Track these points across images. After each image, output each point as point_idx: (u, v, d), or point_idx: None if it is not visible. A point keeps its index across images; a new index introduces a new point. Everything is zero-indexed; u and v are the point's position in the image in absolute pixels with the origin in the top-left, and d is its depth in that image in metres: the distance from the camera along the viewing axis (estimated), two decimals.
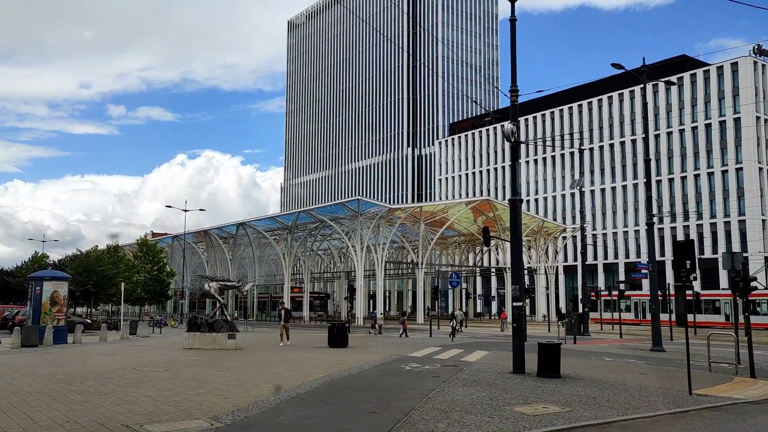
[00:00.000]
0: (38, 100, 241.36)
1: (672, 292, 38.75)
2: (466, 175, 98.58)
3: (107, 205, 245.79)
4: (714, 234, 68.80)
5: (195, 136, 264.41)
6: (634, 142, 76.20)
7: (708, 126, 70.41)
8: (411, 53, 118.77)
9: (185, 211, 56.37)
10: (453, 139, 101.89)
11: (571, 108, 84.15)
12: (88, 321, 39.70)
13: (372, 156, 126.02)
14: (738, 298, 16.42)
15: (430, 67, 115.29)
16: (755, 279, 15.70)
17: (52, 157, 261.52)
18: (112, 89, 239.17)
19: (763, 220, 66.60)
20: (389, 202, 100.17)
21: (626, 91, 77.14)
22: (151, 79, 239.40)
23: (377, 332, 35.33)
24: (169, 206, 54.11)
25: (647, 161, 25.81)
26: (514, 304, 15.88)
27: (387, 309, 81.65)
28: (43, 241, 76.63)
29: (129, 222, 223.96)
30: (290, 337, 24.86)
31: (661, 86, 69.17)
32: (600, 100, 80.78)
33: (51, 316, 24.71)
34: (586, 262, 52.56)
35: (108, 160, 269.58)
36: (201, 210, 61.14)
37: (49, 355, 19.86)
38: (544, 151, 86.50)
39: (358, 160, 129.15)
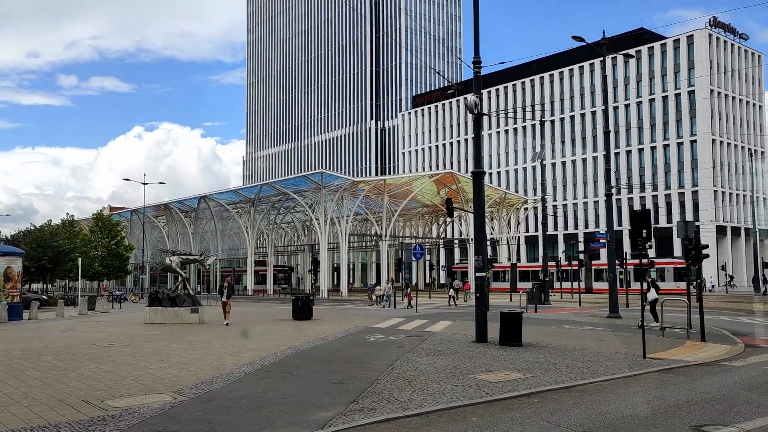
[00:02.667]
0: None
1: (629, 260, 39.63)
2: (430, 148, 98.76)
3: (61, 178, 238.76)
4: (668, 204, 70.89)
5: (152, 107, 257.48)
6: (594, 114, 77.38)
7: (665, 98, 71.95)
8: (374, 24, 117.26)
9: (144, 184, 55.20)
10: (416, 111, 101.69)
11: (532, 80, 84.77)
12: (44, 297, 38.76)
13: (335, 129, 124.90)
14: (691, 265, 16.99)
15: (394, 39, 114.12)
16: (707, 246, 16.25)
17: (0, 129, 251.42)
18: (62, 58, 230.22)
19: (715, 191, 68.84)
20: (353, 176, 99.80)
21: (586, 64, 78.02)
22: (104, 48, 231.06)
23: (383, 304, 35.04)
24: (128, 179, 53.05)
25: (606, 133, 26.23)
26: (477, 274, 16.09)
27: (351, 281, 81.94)
28: None
29: (84, 196, 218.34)
30: (229, 316, 20.90)
31: (620, 59, 70.21)
32: (561, 73, 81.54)
33: (5, 293, 24.04)
34: (547, 233, 53.61)
35: (60, 132, 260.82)
36: (161, 183, 59.95)
37: (3, 331, 19.33)
38: (506, 124, 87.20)
39: (321, 133, 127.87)
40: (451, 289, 38.13)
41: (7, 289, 24.23)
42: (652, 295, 19.55)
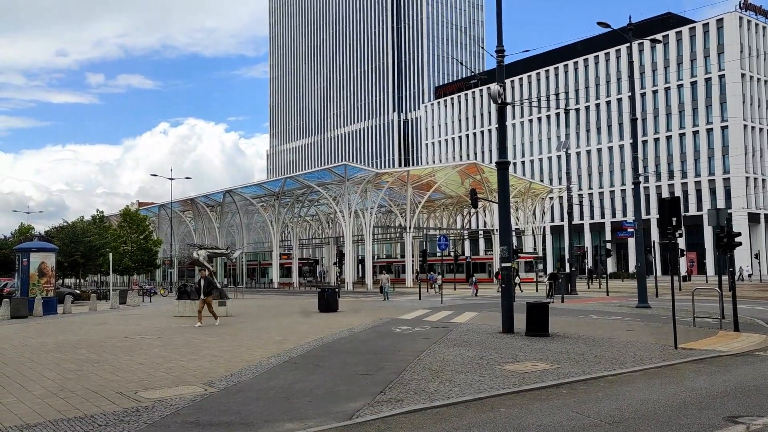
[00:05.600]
0: (13, 69, 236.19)
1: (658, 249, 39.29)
2: (453, 139, 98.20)
3: (90, 174, 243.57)
4: (698, 192, 69.49)
5: (177, 103, 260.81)
6: (620, 101, 76.10)
7: (693, 84, 70.40)
8: (395, 14, 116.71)
9: (171, 179, 55.95)
10: (439, 102, 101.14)
11: (557, 68, 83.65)
12: (77, 291, 39.59)
13: (358, 121, 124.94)
14: (722, 254, 16.61)
15: (416, 29, 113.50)
16: (740, 234, 15.87)
17: (31, 128, 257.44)
18: (90, 57, 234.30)
19: (747, 178, 67.26)
20: (376, 168, 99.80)
21: (612, 51, 76.68)
22: (129, 46, 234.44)
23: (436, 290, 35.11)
24: (155, 175, 53.91)
25: (633, 121, 25.79)
26: (503, 264, 15.97)
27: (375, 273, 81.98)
28: (28, 213, 75.71)
29: (113, 191, 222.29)
30: (204, 317, 17.64)
31: (647, 44, 68.84)
32: (586, 60, 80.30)
33: (39, 288, 24.61)
34: (573, 222, 53.03)
35: (89, 130, 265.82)
36: (187, 178, 60.76)
37: (39, 325, 19.82)
38: (531, 113, 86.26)
39: (344, 126, 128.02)
40: (517, 277, 36.93)
41: (42, 284, 24.80)
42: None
